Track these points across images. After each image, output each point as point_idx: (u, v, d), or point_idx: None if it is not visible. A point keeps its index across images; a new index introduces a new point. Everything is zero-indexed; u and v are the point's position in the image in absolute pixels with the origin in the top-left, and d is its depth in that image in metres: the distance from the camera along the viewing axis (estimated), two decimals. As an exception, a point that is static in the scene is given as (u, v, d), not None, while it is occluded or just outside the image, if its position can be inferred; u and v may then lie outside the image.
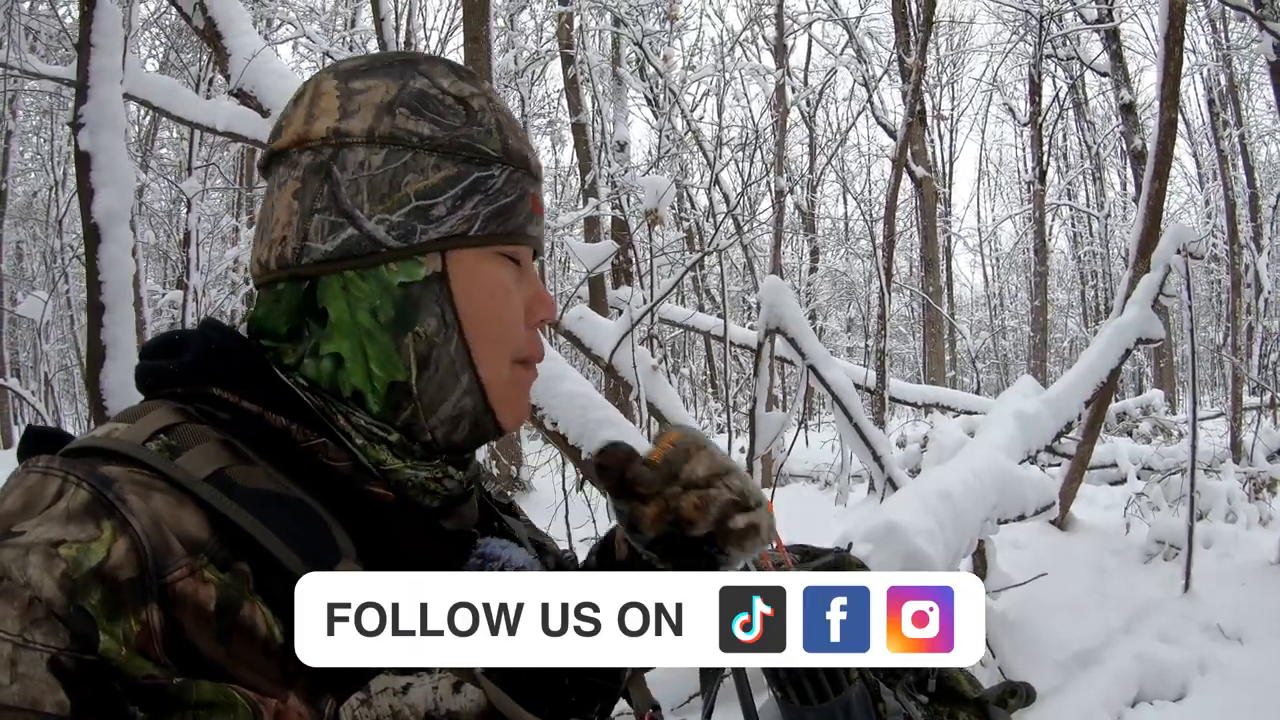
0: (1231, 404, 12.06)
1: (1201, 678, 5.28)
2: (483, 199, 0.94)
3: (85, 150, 3.90)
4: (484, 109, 0.97)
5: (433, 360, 0.93)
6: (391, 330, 0.92)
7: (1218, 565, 7.19)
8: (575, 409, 4.54)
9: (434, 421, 0.94)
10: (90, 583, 0.68)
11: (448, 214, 0.93)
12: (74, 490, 0.73)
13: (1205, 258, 7.67)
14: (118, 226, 3.89)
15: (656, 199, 5.51)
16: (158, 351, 0.94)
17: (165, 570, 0.72)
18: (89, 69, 3.98)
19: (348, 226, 0.91)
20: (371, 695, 0.78)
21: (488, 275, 0.95)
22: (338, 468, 0.89)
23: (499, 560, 0.93)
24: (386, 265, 0.92)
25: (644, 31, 14.24)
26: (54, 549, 0.69)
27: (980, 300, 39.21)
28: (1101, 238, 29.44)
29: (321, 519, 0.83)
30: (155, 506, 0.74)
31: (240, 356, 0.91)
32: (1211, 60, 17.69)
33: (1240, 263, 14.92)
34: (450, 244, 0.93)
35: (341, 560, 0.81)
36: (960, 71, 31.00)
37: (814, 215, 25.73)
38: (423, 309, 0.93)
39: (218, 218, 16.38)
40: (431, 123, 0.93)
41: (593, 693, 0.97)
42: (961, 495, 4.35)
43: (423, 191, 0.92)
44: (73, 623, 0.67)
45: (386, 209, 0.91)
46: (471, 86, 0.97)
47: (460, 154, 0.94)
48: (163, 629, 0.71)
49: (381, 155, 0.92)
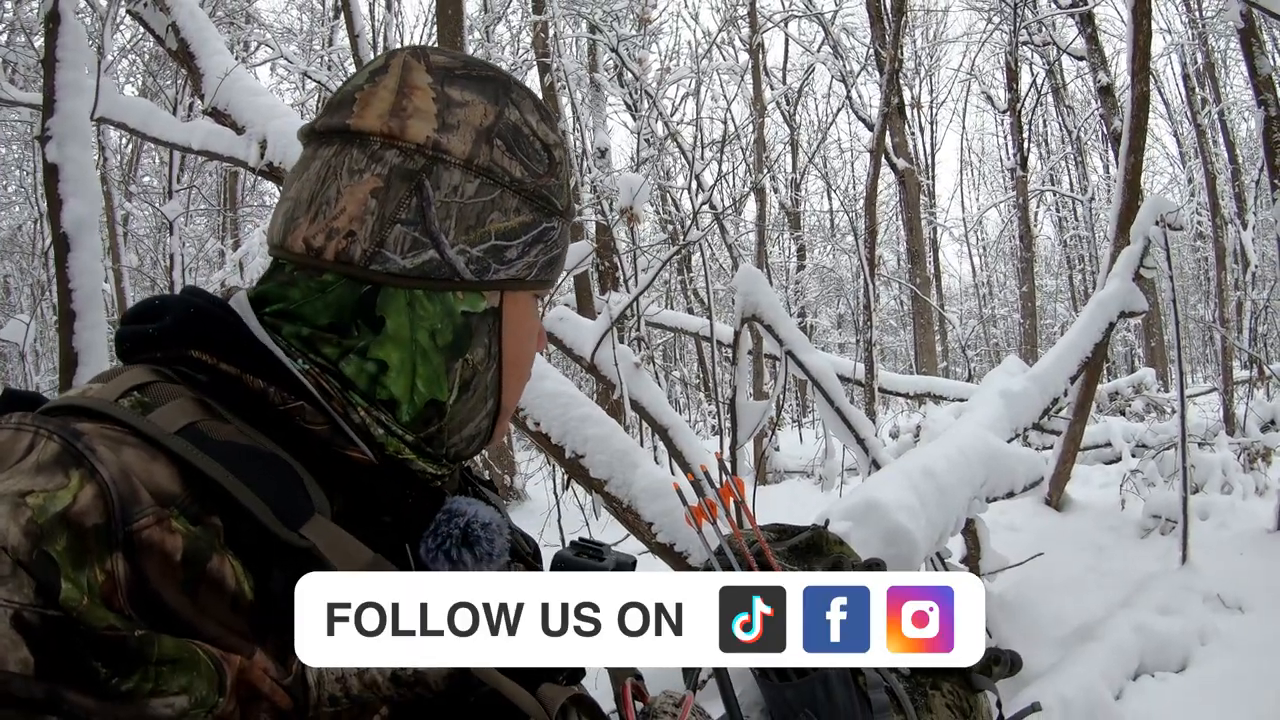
0: (1223, 377, 12.09)
1: (1203, 648, 5.27)
2: (543, 249, 0.99)
3: (53, 162, 3.94)
4: (561, 161, 1.01)
5: (473, 386, 0.98)
6: (446, 354, 0.95)
7: (1215, 536, 7.20)
8: (557, 408, 4.54)
9: (456, 439, 0.99)
10: (55, 528, 0.68)
11: (517, 258, 0.97)
12: (44, 443, 0.73)
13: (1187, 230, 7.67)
14: (87, 235, 3.94)
15: (632, 196, 5.50)
16: (138, 317, 0.92)
17: (132, 518, 0.71)
18: (55, 83, 4.00)
19: (429, 248, 0.92)
20: None
21: (529, 316, 1.02)
22: (315, 430, 0.88)
23: (464, 515, 0.93)
24: (454, 293, 0.94)
25: (619, 37, 14.22)
26: (21, 499, 0.68)
27: (969, 290, 39.21)
28: (1086, 221, 29.46)
29: (295, 473, 0.83)
30: (125, 459, 0.74)
31: (220, 321, 0.90)
32: (1187, 38, 17.72)
33: (1225, 237, 14.95)
34: (511, 285, 0.97)
35: (315, 515, 0.81)
36: (938, 63, 31.04)
37: (799, 212, 25.72)
38: (475, 339, 0.97)
39: (203, 241, 16.39)
40: (522, 164, 0.96)
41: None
42: (946, 472, 4.32)
43: (503, 232, 0.95)
44: (36, 569, 0.66)
45: (469, 241, 0.93)
46: (554, 133, 1.01)
47: (538, 202, 0.98)
48: (128, 579, 0.69)
49: (475, 185, 0.93)
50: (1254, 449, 9.29)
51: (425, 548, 0.91)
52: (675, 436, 5.52)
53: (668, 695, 1.04)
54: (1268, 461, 9.16)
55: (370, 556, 0.82)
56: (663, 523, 4.42)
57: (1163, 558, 6.84)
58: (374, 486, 0.90)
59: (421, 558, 0.90)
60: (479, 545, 0.92)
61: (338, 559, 0.80)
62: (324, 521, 0.81)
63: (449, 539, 0.91)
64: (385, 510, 0.90)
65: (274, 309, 0.93)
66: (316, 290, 0.92)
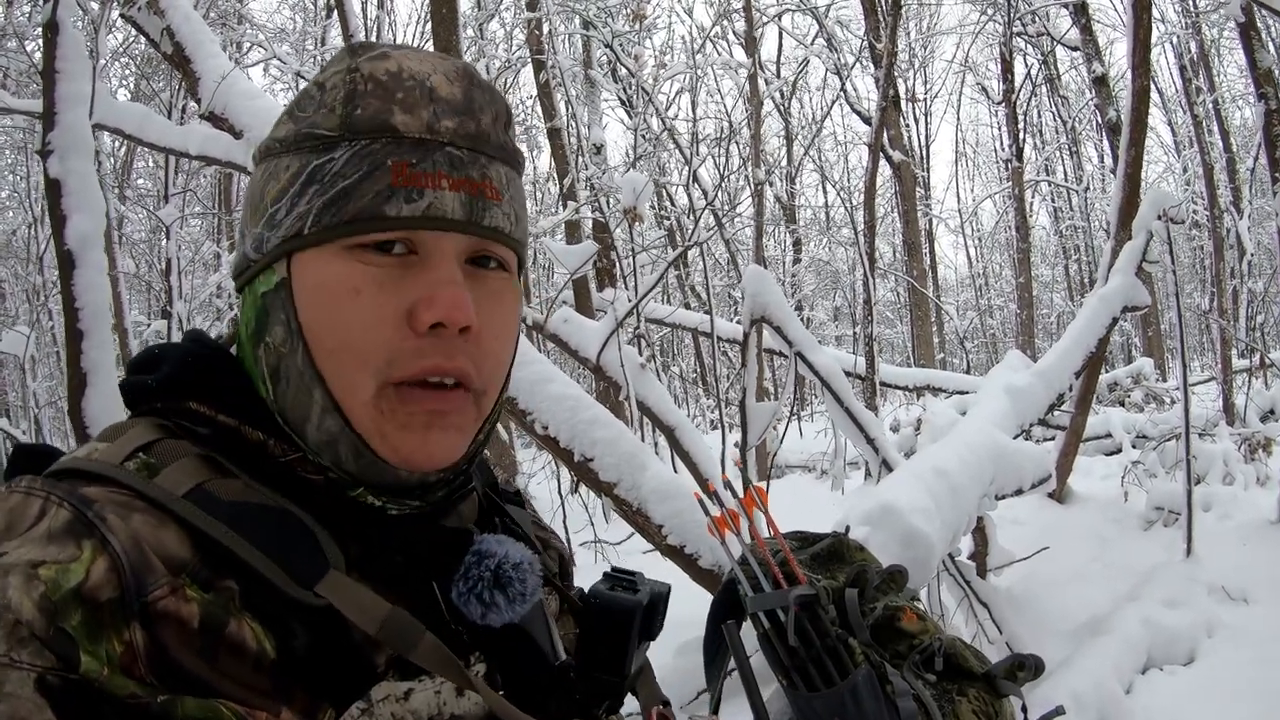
0: (1221, 367, 12.12)
1: (1210, 640, 5.30)
2: (318, 189, 0.83)
3: (55, 177, 3.88)
4: (336, 85, 0.85)
5: (282, 373, 0.85)
6: (252, 341, 0.88)
7: (1218, 527, 7.23)
8: (565, 410, 4.53)
9: (310, 445, 0.85)
10: (70, 604, 0.66)
11: (286, 215, 0.84)
12: (55, 510, 0.71)
13: (1186, 223, 7.67)
14: (91, 251, 3.88)
15: (635, 196, 5.50)
16: (140, 367, 0.90)
17: (146, 590, 0.69)
18: (55, 95, 3.96)
19: (241, 246, 0.90)
20: (373, 704, 0.77)
21: (328, 275, 0.83)
22: (314, 481, 0.85)
23: (494, 556, 0.89)
24: (257, 278, 0.88)
25: (614, 33, 14.20)
26: (34, 570, 0.67)
27: (965, 281, 39.34)
28: (1082, 211, 29.53)
29: (307, 528, 0.81)
30: (135, 526, 0.72)
31: (216, 370, 0.88)
32: (1181, 28, 17.74)
33: (1221, 227, 14.97)
34: (290, 246, 0.84)
35: (330, 572, 0.79)
36: (932, 54, 31.07)
37: (794, 206, 25.71)
38: (271, 317, 0.85)
39: (198, 244, 16.35)
40: (293, 121, 0.87)
41: (599, 689, 0.95)
42: (958, 472, 4.34)
43: (276, 195, 0.85)
44: (54, 644, 0.65)
45: (254, 222, 0.87)
46: (341, 64, 0.87)
47: (304, 145, 0.85)
48: (146, 648, 0.68)
49: (260, 170, 0.88)
50: (1255, 439, 9.31)
51: (457, 591, 0.87)
52: (681, 436, 5.52)
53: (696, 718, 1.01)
54: (1268, 452, 9.18)
55: (387, 610, 0.78)
56: (673, 525, 4.42)
57: (1167, 550, 6.87)
58: (387, 531, 0.87)
59: (454, 601, 0.88)
60: (511, 586, 0.88)
61: (355, 614, 0.77)
62: (338, 576, 0.79)
63: (480, 581, 0.87)
64: (399, 551, 0.87)
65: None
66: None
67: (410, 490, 0.88)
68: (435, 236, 0.84)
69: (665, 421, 5.58)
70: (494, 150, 0.88)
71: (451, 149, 0.85)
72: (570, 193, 13.26)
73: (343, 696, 0.76)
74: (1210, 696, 4.67)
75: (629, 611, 0.96)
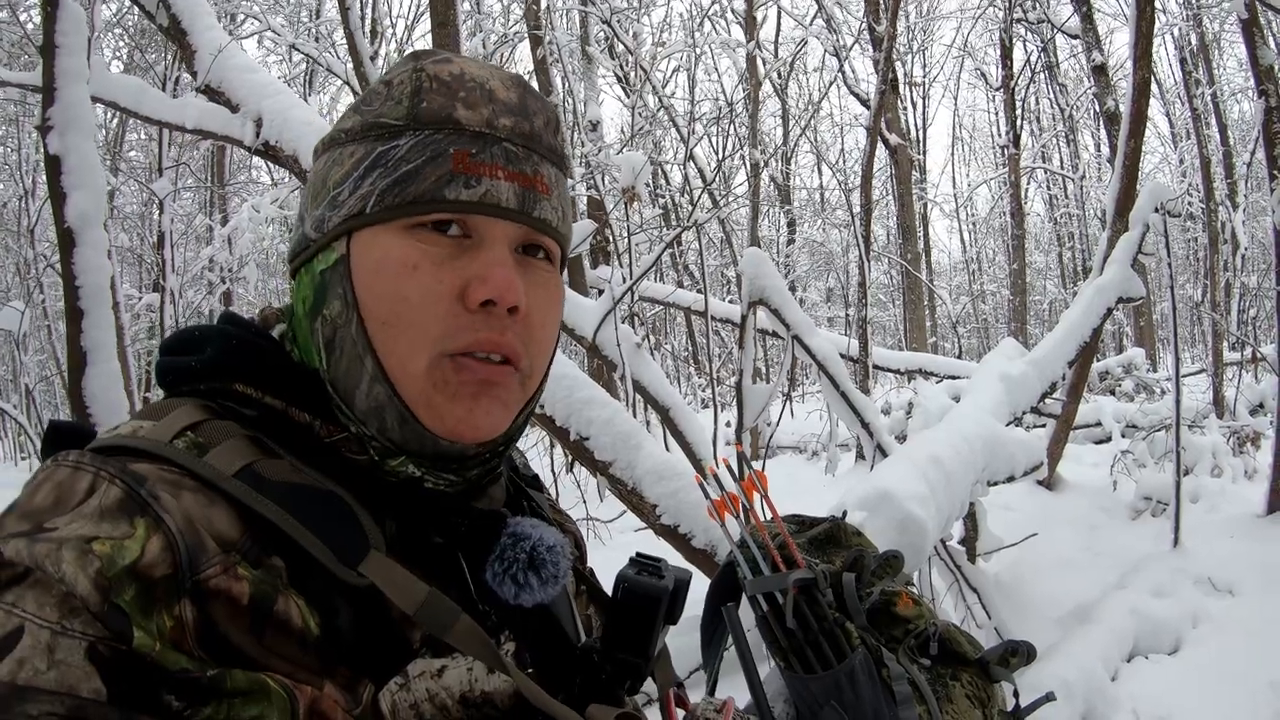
0: (1213, 360, 12.15)
1: (1195, 630, 5.34)
2: (382, 172, 0.89)
3: (55, 153, 3.86)
4: (403, 81, 0.91)
5: (337, 343, 0.89)
6: (310, 316, 0.92)
7: (1206, 519, 7.27)
8: (562, 390, 4.53)
9: (358, 413, 0.89)
10: (124, 580, 0.68)
11: (349, 195, 0.90)
12: (106, 486, 0.73)
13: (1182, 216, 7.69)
14: (91, 229, 3.86)
15: (633, 176, 5.49)
16: (178, 348, 0.93)
17: (199, 568, 0.72)
18: (55, 70, 3.93)
19: (299, 228, 0.95)
20: (410, 679, 0.79)
21: (387, 252, 0.88)
22: (359, 462, 0.89)
23: (530, 539, 0.92)
24: (315, 258, 0.92)
25: (612, 9, 14.15)
26: (88, 545, 0.68)
27: (959, 265, 39.32)
28: (1077, 199, 29.55)
29: (351, 510, 0.84)
30: (187, 504, 0.74)
31: (261, 351, 0.91)
32: (1182, 19, 17.70)
33: (1216, 220, 15.00)
34: (351, 225, 0.89)
35: (371, 553, 0.82)
36: (931, 38, 30.99)
37: (789, 187, 25.69)
38: (329, 292, 0.90)
39: (191, 218, 16.30)
40: (360, 113, 0.93)
41: (623, 669, 0.97)
42: (951, 459, 4.36)
43: (338, 180, 0.91)
44: (108, 619, 0.66)
45: (316, 204, 0.93)
46: (408, 64, 0.93)
47: (369, 134, 0.91)
48: (196, 623, 0.71)
49: (324, 159, 0.94)
50: (1244, 433, 9.36)
51: (492, 572, 0.91)
52: (676, 416, 5.54)
53: (708, 702, 1.03)
54: (1257, 446, 9.23)
55: (425, 592, 0.82)
56: (667, 504, 4.43)
57: (1154, 539, 6.91)
58: (423, 510, 0.91)
59: (488, 582, 0.91)
60: (545, 569, 0.91)
61: (395, 595, 0.81)
62: (379, 557, 0.82)
63: (515, 563, 0.91)
64: (437, 532, 0.91)
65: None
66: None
67: (449, 462, 0.92)
68: (489, 222, 0.90)
69: (660, 401, 5.59)
70: (545, 151, 0.94)
71: (508, 144, 0.91)
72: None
73: (382, 672, 0.79)
74: (1195, 686, 4.71)
75: (656, 597, 0.98)
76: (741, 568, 1.76)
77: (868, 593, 1.82)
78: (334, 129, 0.94)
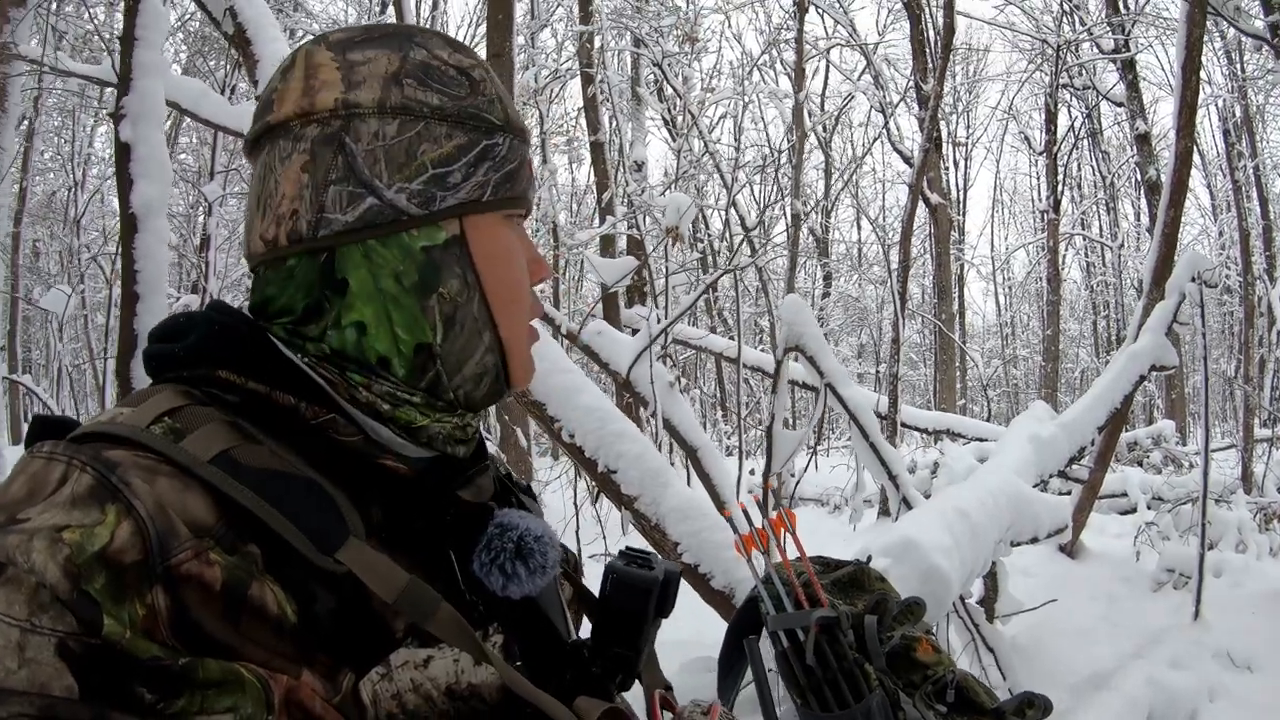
0: (1243, 435, 12.07)
1: (1211, 705, 5.29)
2: (491, 166, 0.96)
3: (126, 141, 3.96)
4: (484, 80, 0.99)
5: (457, 320, 0.95)
6: (417, 293, 0.93)
7: (1228, 594, 7.20)
8: (594, 422, 4.55)
9: (458, 380, 0.97)
10: (94, 567, 0.68)
11: (463, 180, 0.94)
12: (78, 475, 0.73)
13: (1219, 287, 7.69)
14: (154, 218, 3.96)
15: (678, 216, 5.55)
16: (164, 336, 0.94)
17: (170, 553, 0.71)
18: (132, 61, 4.04)
19: (368, 197, 0.91)
20: (392, 669, 0.80)
21: (502, 238, 0.98)
22: (348, 443, 0.89)
23: (517, 529, 0.92)
24: (408, 232, 0.93)
25: (664, 53, 14.28)
26: (58, 534, 0.68)
27: (992, 328, 39.21)
28: (1114, 268, 29.44)
29: (329, 497, 0.84)
30: (160, 490, 0.74)
31: (245, 337, 0.91)
32: (1226, 91, 17.72)
33: (1254, 294, 14.92)
34: (467, 209, 0.95)
35: (349, 539, 0.81)
36: (976, 99, 31.08)
37: (828, 240, 25.75)
38: (444, 271, 0.94)
39: (235, 224, 16.48)
40: (439, 93, 0.95)
41: (614, 664, 0.98)
42: (978, 513, 4.36)
43: (438, 160, 0.93)
44: (77, 607, 0.66)
45: (405, 178, 0.92)
46: (469, 59, 0.98)
47: (469, 123, 0.96)
48: (168, 610, 0.70)
49: (395, 125, 0.92)
50: (1270, 509, 9.28)
51: (479, 562, 0.91)
52: (703, 458, 5.56)
53: (695, 704, 1.03)
54: (1284, 523, 9.14)
55: (405, 580, 0.82)
56: (689, 544, 4.44)
57: (1175, 612, 6.86)
58: (409, 497, 0.90)
59: (475, 573, 0.91)
60: (533, 558, 0.91)
61: (373, 582, 0.80)
62: (359, 545, 0.82)
63: (503, 553, 0.90)
64: (421, 519, 0.90)
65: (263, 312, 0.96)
66: (285, 278, 0.94)
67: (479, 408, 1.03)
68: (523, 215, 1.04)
69: (690, 442, 5.61)
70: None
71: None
72: (608, 207, 13.33)
73: (363, 661, 0.79)
74: (1209, 761, 4.68)
75: (646, 588, 0.99)
76: (765, 603, 1.78)
77: (888, 636, 1.84)
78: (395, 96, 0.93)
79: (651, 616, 0.99)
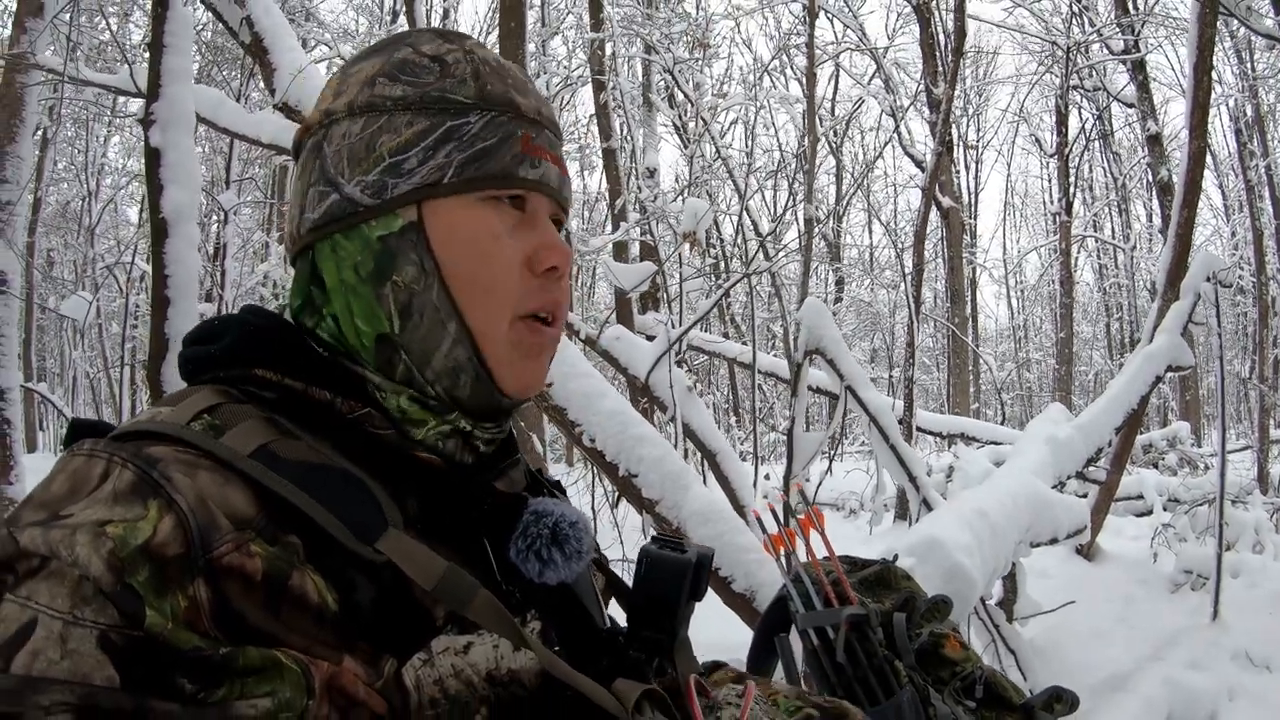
0: (1259, 436, 12.05)
1: (1230, 704, 5.30)
2: (456, 146, 0.94)
3: (156, 146, 4.00)
4: (459, 61, 0.97)
5: (414, 308, 0.93)
6: (372, 282, 0.93)
7: (1246, 594, 7.20)
8: (615, 426, 4.57)
9: (430, 374, 0.94)
10: (137, 560, 0.69)
11: (419, 165, 0.93)
12: (119, 471, 0.74)
13: (1233, 287, 7.69)
14: (185, 223, 3.99)
15: (695, 221, 5.58)
16: (199, 339, 0.95)
17: (211, 546, 0.72)
18: (160, 68, 4.09)
19: (332, 193, 0.94)
20: (434, 655, 0.80)
21: (470, 221, 0.94)
22: (384, 436, 0.90)
23: (552, 515, 0.92)
24: (366, 223, 0.94)
25: (675, 59, 14.32)
26: (101, 529, 0.69)
27: (1005, 332, 39.14)
28: (1127, 270, 29.38)
29: (367, 488, 0.85)
30: (201, 484, 0.75)
31: (278, 336, 0.93)
32: (1238, 90, 17.68)
33: (1267, 294, 14.90)
34: (424, 194, 0.93)
35: (388, 529, 0.82)
36: (986, 102, 31.05)
37: (840, 245, 25.75)
38: (400, 258, 0.93)
39: (249, 233, 16.54)
40: (405, 84, 0.95)
41: (650, 649, 0.99)
42: (998, 513, 4.38)
43: (395, 148, 0.93)
44: (120, 600, 0.67)
45: (363, 171, 0.94)
46: (451, 45, 0.98)
47: (433, 107, 0.95)
48: (210, 602, 0.71)
49: (360, 123, 0.95)
50: (1287, 510, 9.27)
51: (515, 549, 0.91)
52: (722, 461, 5.58)
53: (730, 687, 1.02)
54: (1301, 523, 9.13)
55: (444, 568, 0.82)
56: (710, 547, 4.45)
57: (1193, 613, 6.86)
58: (444, 488, 0.91)
59: (511, 559, 0.91)
60: (568, 544, 0.91)
61: (413, 570, 0.81)
62: (397, 534, 0.82)
63: (539, 539, 0.90)
64: (457, 508, 0.91)
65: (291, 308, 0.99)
66: (294, 277, 0.99)
67: (497, 415, 0.99)
68: (539, 198, 0.99)
69: (708, 446, 5.64)
70: (562, 140, 1.05)
71: (549, 132, 1.01)
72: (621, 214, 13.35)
73: (404, 648, 0.79)
74: (1229, 760, 4.69)
75: (680, 570, 1.00)
76: (794, 601, 1.80)
77: (917, 633, 1.86)
78: (370, 94, 0.96)
79: (685, 599, 1.01)
